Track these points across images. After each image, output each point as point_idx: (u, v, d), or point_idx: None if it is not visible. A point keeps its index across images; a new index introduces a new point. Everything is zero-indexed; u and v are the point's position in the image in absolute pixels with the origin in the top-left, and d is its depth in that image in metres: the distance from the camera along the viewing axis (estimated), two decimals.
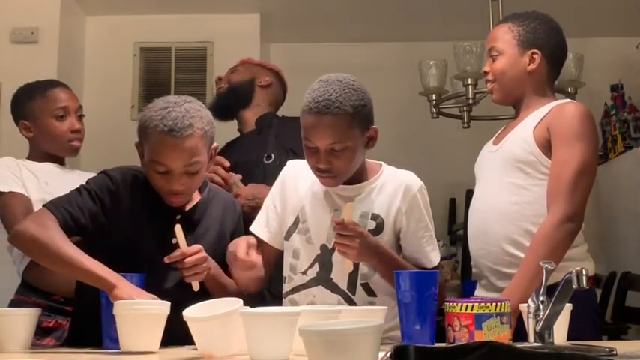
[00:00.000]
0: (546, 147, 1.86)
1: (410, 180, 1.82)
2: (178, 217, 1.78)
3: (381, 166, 1.86)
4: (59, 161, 2.31)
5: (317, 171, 1.75)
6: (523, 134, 1.91)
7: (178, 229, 1.69)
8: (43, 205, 1.71)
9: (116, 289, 1.55)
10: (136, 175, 1.80)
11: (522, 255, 1.81)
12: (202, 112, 1.76)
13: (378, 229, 1.77)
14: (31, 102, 2.28)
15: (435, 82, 3.57)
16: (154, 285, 1.63)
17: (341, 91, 1.68)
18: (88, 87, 4.52)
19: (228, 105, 2.56)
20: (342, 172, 1.74)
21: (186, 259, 1.66)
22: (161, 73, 4.74)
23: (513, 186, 1.89)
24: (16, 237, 1.67)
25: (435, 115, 3.63)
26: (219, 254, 1.77)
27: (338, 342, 1.03)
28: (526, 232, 1.85)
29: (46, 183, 2.17)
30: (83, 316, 1.77)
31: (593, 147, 1.86)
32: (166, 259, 1.67)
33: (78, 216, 1.69)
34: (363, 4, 4.54)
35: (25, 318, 1.60)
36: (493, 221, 1.91)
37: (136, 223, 1.74)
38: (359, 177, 1.80)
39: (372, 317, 1.42)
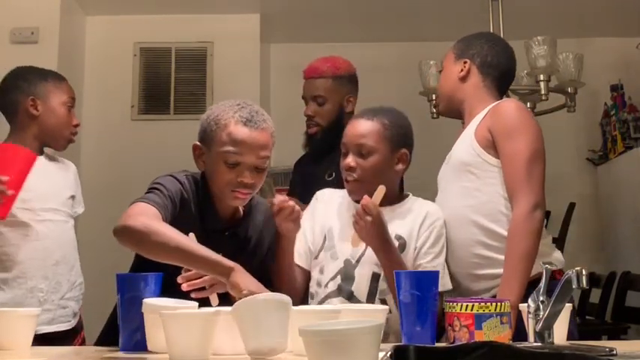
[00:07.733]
0: (489, 146, 1.93)
1: (433, 209, 1.95)
2: (227, 233, 1.83)
3: (408, 195, 2.00)
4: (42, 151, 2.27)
5: (346, 171, 1.92)
6: (466, 138, 2.00)
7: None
8: (139, 200, 1.68)
9: (233, 273, 1.55)
10: (197, 181, 1.82)
11: (490, 254, 1.88)
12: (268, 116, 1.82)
13: (401, 248, 1.87)
14: (44, 82, 2.27)
15: (435, 82, 3.57)
16: (188, 294, 1.61)
17: (383, 110, 1.95)
18: (88, 87, 4.52)
19: (323, 149, 2.51)
20: (364, 174, 1.89)
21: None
22: (161, 73, 4.73)
23: (466, 189, 1.95)
24: (126, 230, 1.59)
25: (435, 115, 3.64)
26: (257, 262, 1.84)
27: (338, 342, 1.03)
28: (488, 230, 1.90)
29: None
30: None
31: (535, 134, 1.92)
32: (180, 279, 1.64)
33: (165, 218, 1.66)
34: (363, 4, 4.54)
35: (25, 318, 1.59)
36: (455, 227, 1.95)
37: (187, 232, 1.71)
38: (388, 201, 1.89)
39: (372, 317, 1.42)
